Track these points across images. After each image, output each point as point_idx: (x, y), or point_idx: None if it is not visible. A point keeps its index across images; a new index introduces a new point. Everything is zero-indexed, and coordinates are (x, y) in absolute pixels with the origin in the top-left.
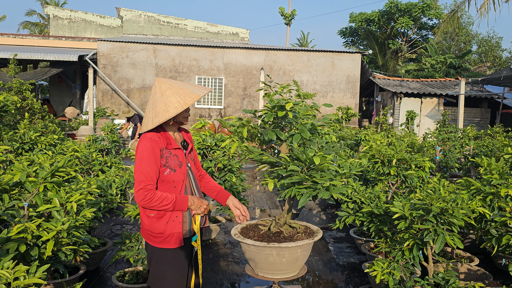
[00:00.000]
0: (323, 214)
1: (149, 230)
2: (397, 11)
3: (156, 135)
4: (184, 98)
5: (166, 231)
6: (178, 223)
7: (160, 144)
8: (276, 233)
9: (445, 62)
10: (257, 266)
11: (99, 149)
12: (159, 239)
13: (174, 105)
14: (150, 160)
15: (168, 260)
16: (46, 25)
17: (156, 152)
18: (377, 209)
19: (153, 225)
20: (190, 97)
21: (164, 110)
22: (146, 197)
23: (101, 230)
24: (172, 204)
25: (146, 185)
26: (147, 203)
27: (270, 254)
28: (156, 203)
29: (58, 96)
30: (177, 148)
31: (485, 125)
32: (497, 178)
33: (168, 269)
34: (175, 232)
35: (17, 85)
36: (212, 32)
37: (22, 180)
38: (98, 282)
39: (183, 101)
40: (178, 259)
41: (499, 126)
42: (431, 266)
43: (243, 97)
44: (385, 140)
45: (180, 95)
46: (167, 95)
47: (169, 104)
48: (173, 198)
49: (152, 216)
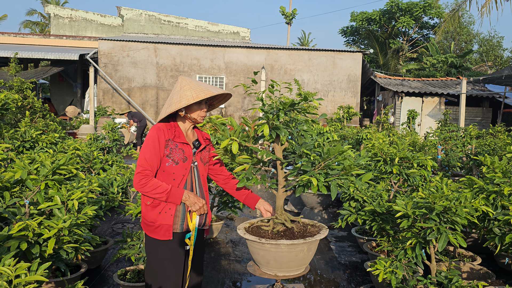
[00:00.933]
0: (325, 213)
1: (144, 217)
2: (398, 10)
3: (166, 126)
4: (198, 93)
5: (157, 221)
6: (169, 215)
7: (167, 135)
8: (285, 230)
9: (446, 62)
10: (273, 265)
11: (100, 148)
12: (150, 228)
13: (187, 97)
14: (153, 148)
15: (162, 254)
16: (47, 24)
17: (161, 141)
18: (379, 208)
19: (147, 213)
20: (204, 93)
21: (177, 101)
22: (141, 181)
23: (103, 229)
24: (165, 194)
25: (143, 169)
26: (141, 187)
27: (300, 250)
28: (150, 189)
29: (59, 95)
30: (184, 143)
31: (487, 124)
32: (500, 177)
33: (161, 263)
34: (165, 223)
35: (18, 83)
36: (213, 31)
37: (23, 178)
38: (100, 281)
39: (196, 95)
40: (171, 254)
41: (501, 125)
42: (433, 265)
43: (244, 96)
44: (387, 139)
45: (196, 90)
46: (184, 90)
47: (183, 96)
48: (167, 188)
49: (148, 204)
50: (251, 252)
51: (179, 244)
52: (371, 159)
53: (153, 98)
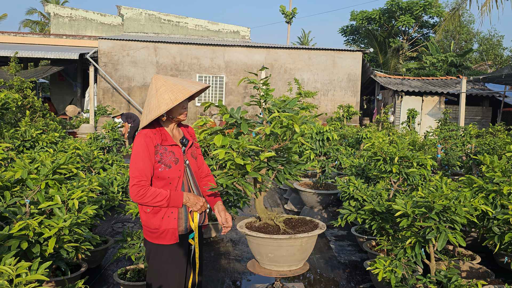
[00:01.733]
0: (324, 212)
1: (146, 225)
2: (398, 9)
3: (152, 131)
4: (176, 95)
5: (161, 227)
6: (173, 219)
7: (155, 141)
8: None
9: (446, 61)
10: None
11: (100, 147)
12: (155, 235)
13: (166, 101)
14: (144, 156)
15: (165, 257)
16: (47, 23)
17: (150, 149)
18: (379, 207)
19: (149, 220)
20: (182, 93)
21: (156, 106)
22: (139, 193)
23: (103, 228)
24: (166, 201)
25: (139, 180)
26: (140, 199)
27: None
28: (149, 199)
29: (59, 95)
30: (173, 144)
31: (486, 123)
32: (500, 176)
33: (165, 266)
34: (170, 228)
35: (18, 83)
36: (213, 30)
37: (23, 177)
38: (100, 280)
39: (175, 98)
40: (175, 256)
41: (501, 124)
42: (433, 264)
43: (244, 95)
44: (387, 138)
45: (173, 92)
46: (161, 92)
47: (161, 101)
48: (166, 195)
49: (148, 211)
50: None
51: (182, 245)
52: (370, 158)
53: None
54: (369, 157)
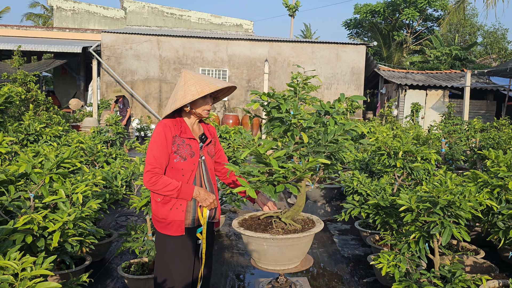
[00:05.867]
0: (328, 206)
1: (155, 214)
2: (402, 2)
3: (172, 121)
4: (202, 87)
5: (168, 217)
6: (181, 211)
7: (174, 131)
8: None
9: (450, 54)
10: None
11: (103, 141)
12: (162, 224)
13: (192, 92)
14: (161, 145)
15: (171, 248)
16: (49, 17)
17: (168, 138)
18: (383, 202)
19: (158, 209)
20: (208, 87)
21: (182, 96)
22: (152, 179)
23: (107, 222)
24: (176, 191)
25: (153, 167)
26: (152, 185)
27: None
28: (160, 187)
29: (62, 88)
30: (191, 138)
31: (491, 117)
32: (505, 171)
33: (171, 258)
34: (177, 219)
35: (21, 76)
36: (216, 23)
37: (27, 171)
38: (104, 273)
39: (201, 90)
40: (181, 248)
41: (505, 119)
42: (437, 258)
43: (247, 89)
44: (391, 132)
45: (200, 85)
46: (189, 84)
47: (188, 92)
48: (177, 185)
49: (159, 201)
50: None
51: (190, 239)
52: (374, 153)
53: (156, 91)
54: (373, 151)
